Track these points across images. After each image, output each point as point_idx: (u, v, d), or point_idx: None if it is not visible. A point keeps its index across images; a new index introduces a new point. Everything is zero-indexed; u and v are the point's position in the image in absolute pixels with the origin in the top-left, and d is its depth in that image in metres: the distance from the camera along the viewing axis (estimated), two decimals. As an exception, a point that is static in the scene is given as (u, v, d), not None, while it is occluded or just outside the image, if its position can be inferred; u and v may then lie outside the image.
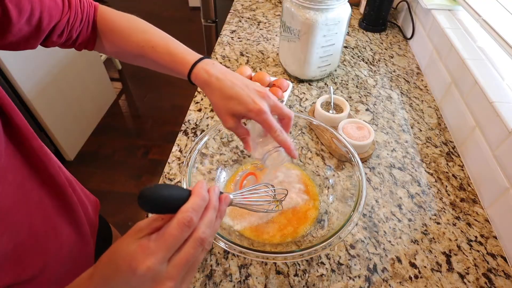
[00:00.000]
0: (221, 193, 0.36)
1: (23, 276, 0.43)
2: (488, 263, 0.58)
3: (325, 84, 0.96)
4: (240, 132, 0.49)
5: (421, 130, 0.82)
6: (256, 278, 0.55)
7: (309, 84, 0.96)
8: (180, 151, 0.76)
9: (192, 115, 0.84)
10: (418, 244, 0.60)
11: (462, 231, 0.62)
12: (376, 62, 1.05)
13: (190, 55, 0.50)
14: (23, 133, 0.44)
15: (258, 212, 0.46)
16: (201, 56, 0.50)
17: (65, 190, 0.51)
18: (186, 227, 0.27)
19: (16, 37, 0.44)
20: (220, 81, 0.46)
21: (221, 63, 1.02)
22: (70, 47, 0.54)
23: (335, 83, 0.96)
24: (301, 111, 0.87)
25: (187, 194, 0.30)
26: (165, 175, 0.70)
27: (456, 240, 0.61)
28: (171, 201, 0.28)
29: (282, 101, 0.83)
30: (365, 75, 0.99)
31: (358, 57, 1.07)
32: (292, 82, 0.94)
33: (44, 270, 0.46)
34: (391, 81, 0.98)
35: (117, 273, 0.27)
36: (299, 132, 0.69)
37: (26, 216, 0.44)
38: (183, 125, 0.82)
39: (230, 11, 1.31)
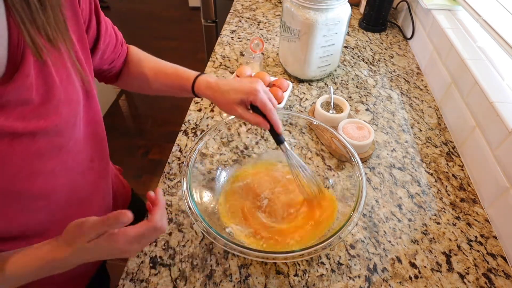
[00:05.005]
0: None
1: None
2: (488, 263, 0.58)
3: (325, 84, 0.96)
4: (250, 119, 0.54)
5: (421, 130, 0.82)
6: (256, 278, 0.55)
7: (309, 84, 0.96)
8: (180, 151, 0.76)
9: (192, 115, 0.84)
10: (418, 244, 0.60)
11: (462, 231, 0.62)
12: (376, 62, 1.05)
13: (192, 72, 0.60)
14: (97, 117, 0.51)
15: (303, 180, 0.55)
16: (200, 72, 0.60)
17: (110, 183, 0.60)
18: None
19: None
20: (218, 83, 0.56)
21: (221, 63, 1.02)
22: (102, 80, 0.61)
23: (335, 83, 0.96)
24: (301, 111, 0.87)
25: None
26: (165, 175, 0.70)
27: (456, 240, 0.61)
28: None
29: (282, 101, 0.83)
30: (365, 75, 0.99)
31: (358, 57, 1.07)
32: (292, 82, 0.94)
33: None
34: (391, 81, 0.98)
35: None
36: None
37: (68, 203, 0.49)
38: (183, 125, 0.82)
39: (230, 11, 1.31)
